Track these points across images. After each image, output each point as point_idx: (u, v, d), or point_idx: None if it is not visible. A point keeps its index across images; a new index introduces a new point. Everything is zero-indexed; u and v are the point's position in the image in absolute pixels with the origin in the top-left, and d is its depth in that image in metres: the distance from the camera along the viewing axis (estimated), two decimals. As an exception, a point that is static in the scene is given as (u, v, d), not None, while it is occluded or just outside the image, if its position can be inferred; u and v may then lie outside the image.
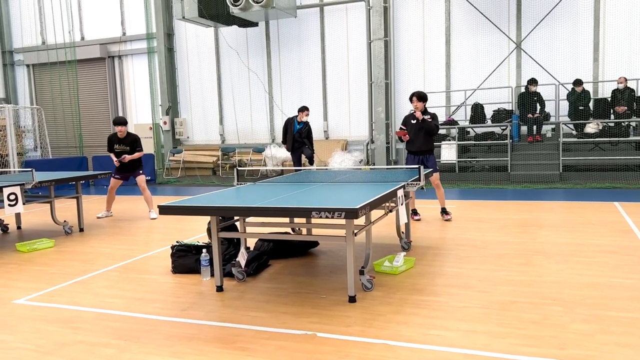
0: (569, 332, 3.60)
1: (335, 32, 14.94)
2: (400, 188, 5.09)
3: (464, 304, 4.23)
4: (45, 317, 4.35)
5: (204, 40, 16.44)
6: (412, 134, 7.77)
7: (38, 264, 6.17)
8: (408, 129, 7.83)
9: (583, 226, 7.02)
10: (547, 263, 5.32)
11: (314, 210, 3.94)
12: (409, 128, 7.82)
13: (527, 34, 13.09)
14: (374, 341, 3.57)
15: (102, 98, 18.16)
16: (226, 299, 4.59)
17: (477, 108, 13.07)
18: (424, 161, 7.73)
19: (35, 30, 18.60)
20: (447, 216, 7.89)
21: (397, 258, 5.27)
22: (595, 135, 11.79)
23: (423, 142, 7.74)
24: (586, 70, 12.66)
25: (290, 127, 11.24)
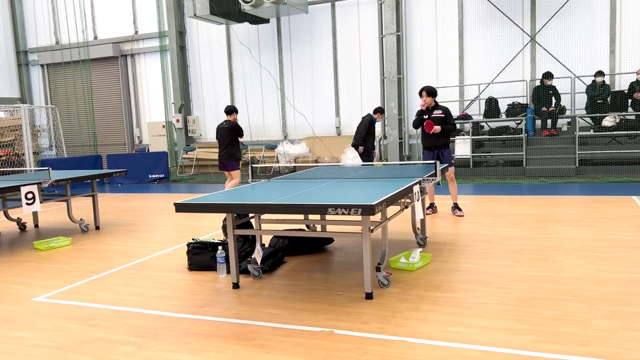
0: (590, 328, 3.54)
1: (347, 27, 14.87)
2: (416, 184, 5.05)
3: (482, 300, 4.19)
4: (65, 314, 4.38)
5: (215, 38, 16.47)
6: (422, 129, 7.72)
7: (56, 262, 6.23)
8: (421, 120, 7.76)
9: (601, 221, 6.92)
10: (566, 259, 5.25)
11: (330, 207, 3.92)
12: (422, 119, 7.75)
13: (541, 27, 12.92)
14: (392, 338, 3.55)
15: (116, 97, 18.28)
16: (243, 296, 4.60)
17: (491, 102, 12.94)
18: (439, 156, 7.69)
19: (49, 30, 18.77)
20: (460, 212, 7.82)
21: (413, 254, 5.23)
22: (613, 129, 11.62)
23: (436, 137, 7.68)
24: (602, 63, 12.47)
25: (373, 127, 11.02)
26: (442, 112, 7.64)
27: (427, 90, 7.62)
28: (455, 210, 7.88)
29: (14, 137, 14.81)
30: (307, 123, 15.60)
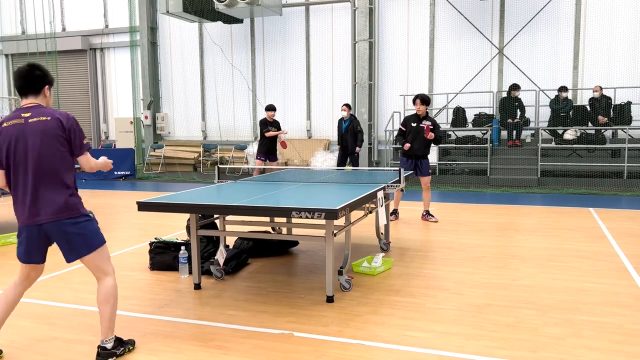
0: (541, 335, 3.67)
1: (321, 31, 14.96)
2: (380, 190, 5.13)
3: (439, 305, 4.29)
4: (20, 312, 4.28)
5: (187, 36, 16.33)
6: (411, 137, 7.80)
7: (12, 257, 6.07)
8: (408, 130, 7.86)
9: (559, 231, 7.15)
10: (523, 267, 5.41)
11: (294, 210, 3.96)
12: (408, 129, 7.86)
13: (509, 40, 13.27)
14: (350, 341, 3.60)
15: (83, 91, 17.92)
16: (204, 297, 4.58)
17: (458, 111, 13.20)
18: (417, 165, 7.88)
19: (15, 19, 18.26)
20: (433, 218, 7.97)
21: (375, 259, 5.31)
22: (573, 142, 12.01)
23: (420, 147, 7.83)
24: (566, 78, 12.89)
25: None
26: (431, 124, 7.74)
27: (422, 98, 7.71)
28: (428, 216, 8.00)
29: (-26, 127, 14.36)
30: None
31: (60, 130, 3.12)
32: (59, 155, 3.13)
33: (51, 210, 3.12)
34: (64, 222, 3.15)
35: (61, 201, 3.14)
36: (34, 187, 3.12)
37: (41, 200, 3.12)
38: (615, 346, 3.48)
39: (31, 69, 3.18)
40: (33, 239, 3.20)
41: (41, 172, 3.11)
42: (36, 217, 3.13)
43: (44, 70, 3.22)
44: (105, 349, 3.31)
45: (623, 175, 11.47)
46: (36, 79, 3.18)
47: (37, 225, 3.15)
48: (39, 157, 3.09)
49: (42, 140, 3.09)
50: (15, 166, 3.14)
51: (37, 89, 3.19)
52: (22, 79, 3.17)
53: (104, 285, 3.32)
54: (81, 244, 3.22)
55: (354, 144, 11.17)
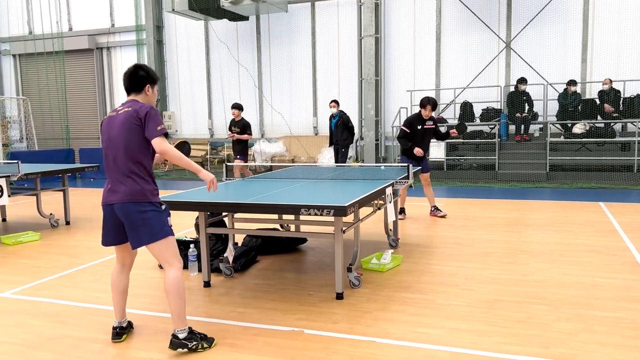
0: (552, 331, 3.65)
1: (326, 27, 14.91)
2: (389, 186, 5.11)
3: (450, 302, 4.27)
4: (31, 311, 4.31)
5: (193, 34, 16.33)
6: (418, 139, 7.74)
7: (23, 257, 6.11)
8: (412, 132, 7.73)
9: (569, 226, 7.10)
10: (533, 262, 5.38)
11: (303, 207, 3.95)
12: (413, 131, 7.73)
13: (516, 34, 13.17)
14: (361, 338, 3.59)
15: (90, 90, 17.98)
16: (214, 295, 4.59)
17: (466, 106, 13.13)
18: (421, 163, 7.84)
19: (22, 20, 18.34)
20: (441, 212, 7.95)
21: (384, 255, 5.29)
22: (582, 136, 11.92)
23: (426, 148, 7.89)
24: (574, 71, 12.78)
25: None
26: (433, 123, 7.79)
27: (434, 104, 7.66)
28: (436, 211, 7.99)
29: (-17, 128, 14.46)
30: (285, 122, 15.60)
31: (135, 119, 3.32)
32: (133, 143, 3.32)
33: (121, 193, 3.33)
34: (129, 206, 3.31)
35: (131, 186, 3.32)
36: (114, 172, 3.37)
37: (116, 184, 3.36)
38: (628, 341, 3.45)
39: (135, 70, 3.49)
40: (107, 218, 3.47)
41: (119, 158, 3.34)
42: (109, 197, 3.38)
43: (147, 71, 3.51)
44: (177, 337, 3.38)
45: (633, 169, 11.37)
46: (139, 79, 3.48)
47: (109, 205, 3.39)
48: (118, 144, 3.34)
49: (121, 128, 3.33)
50: (105, 152, 3.44)
51: (139, 87, 3.49)
52: (128, 79, 3.50)
53: (166, 276, 3.41)
54: (144, 232, 3.34)
55: (345, 139, 11.15)
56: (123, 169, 3.34)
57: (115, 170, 3.37)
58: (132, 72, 3.48)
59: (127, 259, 3.65)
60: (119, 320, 3.67)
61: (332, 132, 11.40)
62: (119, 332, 3.65)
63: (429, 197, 8.09)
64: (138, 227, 3.33)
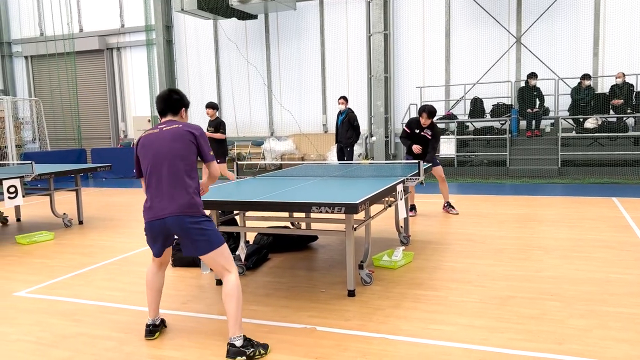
0: (566, 327, 3.63)
1: (335, 25, 14.90)
2: (399, 183, 5.10)
3: (462, 298, 4.26)
4: (46, 309, 4.37)
5: (202, 33, 16.39)
6: (414, 141, 7.78)
7: (38, 256, 6.18)
8: (411, 135, 7.81)
9: (581, 221, 7.04)
10: (546, 258, 5.35)
11: (314, 205, 3.96)
12: (412, 135, 7.80)
13: (527, 29, 13.07)
14: (374, 335, 3.60)
15: (101, 90, 18.11)
16: (226, 293, 4.60)
17: (476, 102, 13.06)
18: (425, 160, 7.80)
19: (33, 22, 18.51)
20: (454, 210, 7.95)
21: (396, 252, 5.29)
22: (594, 131, 11.81)
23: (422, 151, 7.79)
24: (586, 65, 12.65)
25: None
26: (431, 134, 7.69)
27: (429, 112, 7.62)
28: (449, 208, 8.00)
29: (-4, 129, 14.62)
30: (294, 120, 15.61)
31: (190, 136, 3.41)
32: (185, 158, 3.39)
33: (175, 207, 3.35)
34: (184, 219, 3.34)
35: (184, 199, 3.36)
36: (164, 186, 3.38)
37: (167, 198, 3.37)
38: (643, 337, 3.42)
39: (170, 94, 3.55)
40: (157, 233, 3.46)
41: (169, 173, 3.37)
42: (161, 212, 3.37)
43: (181, 95, 3.59)
44: (234, 345, 3.32)
45: (646, 164, 11.25)
46: (175, 102, 3.54)
47: (161, 220, 3.38)
48: (168, 159, 3.37)
49: (172, 144, 3.38)
50: (150, 168, 3.42)
51: (176, 110, 3.55)
52: (163, 102, 3.54)
53: (226, 281, 3.40)
54: (202, 242, 3.37)
55: (348, 138, 10.86)
56: (177, 183, 3.36)
57: (166, 184, 3.37)
58: (168, 95, 3.53)
59: (164, 260, 3.70)
60: (152, 318, 3.71)
61: (336, 129, 11.13)
62: (152, 329, 3.68)
63: (444, 193, 8.10)
64: (195, 238, 3.36)
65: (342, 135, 10.93)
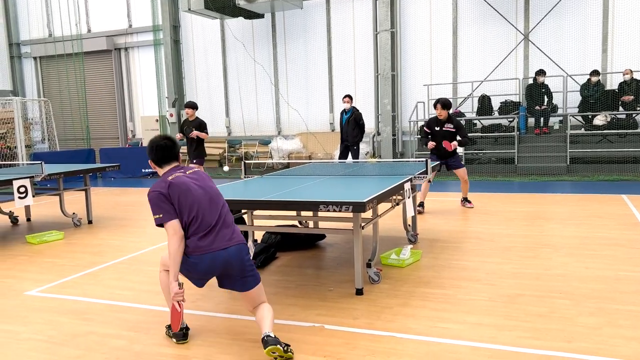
0: (576, 325, 3.61)
1: (342, 23, 14.89)
2: (407, 181, 5.10)
3: (470, 296, 4.25)
4: (57, 308, 4.41)
5: (210, 32, 16.43)
6: (437, 139, 7.86)
7: (48, 255, 6.24)
8: (431, 133, 7.94)
9: (590, 219, 7.01)
10: (555, 256, 5.32)
11: (321, 203, 3.96)
12: (432, 132, 7.93)
13: (535, 25, 12.99)
14: (381, 333, 3.60)
15: (109, 90, 18.22)
16: (234, 292, 4.62)
17: (484, 100, 13.02)
18: (448, 162, 8.01)
19: (42, 23, 18.65)
20: (470, 204, 8.15)
21: (403, 251, 5.29)
22: (603, 127, 11.73)
23: (446, 150, 7.86)
24: (595, 62, 12.57)
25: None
26: (453, 127, 7.81)
27: (442, 103, 7.76)
28: (465, 202, 8.22)
29: (6, 130, 14.75)
30: (301, 119, 15.62)
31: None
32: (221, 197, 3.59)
33: (236, 237, 3.46)
34: (243, 248, 3.45)
35: (236, 232, 3.50)
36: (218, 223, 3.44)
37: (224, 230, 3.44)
38: (653, 335, 3.40)
39: (170, 143, 3.62)
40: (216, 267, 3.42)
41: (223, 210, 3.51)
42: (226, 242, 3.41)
43: (175, 142, 3.69)
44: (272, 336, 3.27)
45: (656, 161, 11.16)
46: (174, 150, 3.64)
47: (224, 250, 3.38)
48: (214, 199, 3.51)
49: (210, 184, 3.58)
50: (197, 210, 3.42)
51: (177, 156, 3.67)
52: (167, 151, 3.60)
53: (267, 306, 3.47)
54: (252, 277, 3.47)
55: (355, 136, 10.86)
56: (227, 220, 3.49)
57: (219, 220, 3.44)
58: (169, 145, 3.60)
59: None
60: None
61: (341, 128, 11.09)
62: (185, 333, 3.64)
63: (463, 190, 8.30)
64: (247, 271, 3.44)
65: (349, 134, 10.91)
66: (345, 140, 11.02)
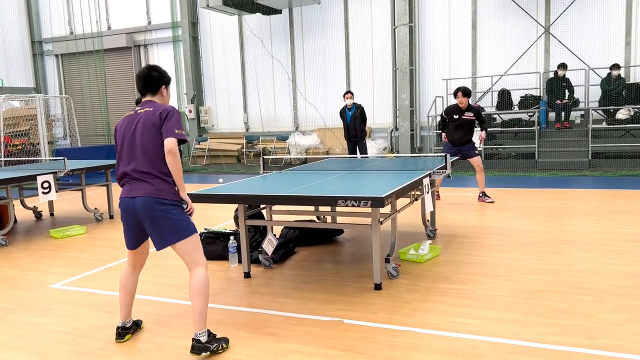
0: (598, 321, 3.57)
1: (359, 18, 14.82)
2: (426, 176, 5.08)
3: (490, 292, 4.22)
4: (80, 301, 4.49)
5: (228, 29, 16.50)
6: (450, 127, 8.08)
7: (71, 250, 6.35)
8: (449, 121, 8.10)
9: (613, 214, 6.90)
10: (576, 252, 5.26)
11: (340, 198, 3.97)
12: (450, 120, 8.10)
13: (556, 18, 12.78)
14: (400, 328, 3.60)
15: (129, 87, 18.41)
16: (254, 285, 4.67)
17: (504, 94, 12.86)
18: (462, 150, 8.10)
19: (63, 21, 18.92)
20: (489, 199, 8.16)
21: (422, 246, 5.27)
22: (627, 122, 11.51)
23: (462, 135, 8.08)
24: (618, 55, 12.33)
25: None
26: (473, 115, 8.01)
27: (463, 91, 7.89)
28: (485, 197, 8.19)
29: (29, 126, 15.01)
30: (319, 114, 15.62)
31: (157, 120, 3.28)
32: (155, 144, 3.28)
33: (143, 192, 3.27)
34: (151, 202, 3.24)
35: (154, 185, 3.27)
36: (135, 170, 3.30)
37: (137, 183, 3.30)
38: (678, 332, 3.35)
39: (149, 71, 3.42)
40: (129, 217, 3.37)
41: (141, 158, 3.29)
42: (131, 193, 3.31)
43: (161, 72, 3.45)
44: (199, 341, 3.27)
45: (681, 155, 10.91)
46: (153, 80, 3.42)
47: (132, 199, 3.29)
48: (140, 144, 3.29)
49: (143, 129, 3.29)
50: (124, 151, 3.36)
51: (155, 89, 3.44)
52: (142, 81, 3.42)
53: (195, 275, 3.31)
54: (168, 230, 3.28)
55: (362, 131, 10.84)
56: (144, 169, 3.27)
57: (133, 169, 3.30)
58: (147, 73, 3.41)
59: (138, 262, 3.63)
60: (123, 320, 3.64)
61: (347, 126, 10.95)
62: (121, 332, 3.61)
63: (480, 183, 8.28)
64: (160, 224, 3.26)
65: (356, 130, 10.89)
66: (354, 136, 10.97)
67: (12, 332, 3.88)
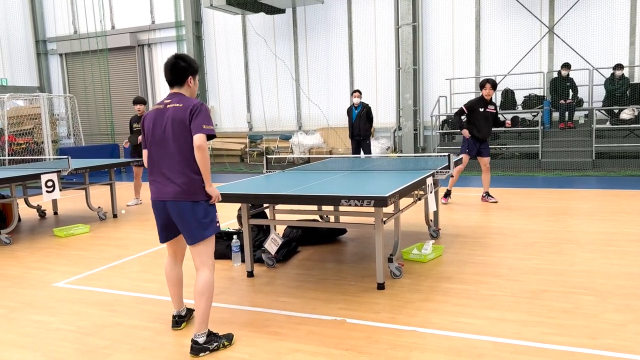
0: (601, 321, 3.57)
1: (363, 17, 14.82)
2: (429, 176, 5.08)
3: (493, 292, 4.23)
4: (84, 299, 4.51)
5: (231, 28, 16.52)
6: (481, 122, 8.00)
7: (75, 248, 6.38)
8: (473, 116, 8.01)
9: (616, 215, 6.88)
10: (579, 252, 5.25)
11: (343, 198, 3.98)
12: (475, 115, 8.01)
13: (560, 18, 12.76)
14: (403, 328, 3.61)
15: (133, 86, 18.46)
16: (257, 285, 4.68)
17: (507, 94, 12.85)
18: (482, 147, 8.12)
19: (67, 20, 18.97)
20: (493, 199, 8.15)
21: (425, 246, 5.27)
22: (631, 122, 11.48)
23: (488, 131, 8.11)
24: (622, 55, 12.30)
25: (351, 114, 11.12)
26: (494, 108, 8.12)
27: (492, 83, 7.99)
28: (488, 197, 8.18)
29: (33, 125, 15.06)
30: (322, 114, 15.63)
31: (187, 117, 3.26)
32: (185, 142, 3.26)
33: (173, 193, 3.29)
34: (182, 206, 3.29)
35: (183, 185, 3.28)
36: (164, 167, 3.32)
37: (168, 184, 3.31)
38: (681, 333, 3.35)
39: (177, 61, 3.37)
40: (160, 214, 3.45)
41: (170, 154, 3.29)
42: (162, 194, 3.35)
43: (188, 61, 3.38)
44: (197, 342, 3.31)
45: (686, 155, 10.88)
46: (181, 70, 3.37)
47: (162, 202, 3.36)
48: (169, 142, 3.28)
49: (173, 126, 3.27)
50: (153, 146, 3.36)
51: (181, 80, 3.39)
52: (169, 72, 3.38)
53: (200, 276, 3.34)
54: (195, 231, 3.31)
55: (367, 130, 10.88)
56: (174, 165, 3.27)
57: (164, 165, 3.31)
58: (174, 63, 3.35)
59: (178, 252, 3.68)
60: (177, 309, 3.76)
61: (352, 124, 11.00)
62: (178, 320, 3.75)
63: (485, 182, 8.27)
64: (189, 223, 3.29)
65: (361, 129, 10.92)
66: (358, 135, 11.00)
67: (16, 331, 3.90)
